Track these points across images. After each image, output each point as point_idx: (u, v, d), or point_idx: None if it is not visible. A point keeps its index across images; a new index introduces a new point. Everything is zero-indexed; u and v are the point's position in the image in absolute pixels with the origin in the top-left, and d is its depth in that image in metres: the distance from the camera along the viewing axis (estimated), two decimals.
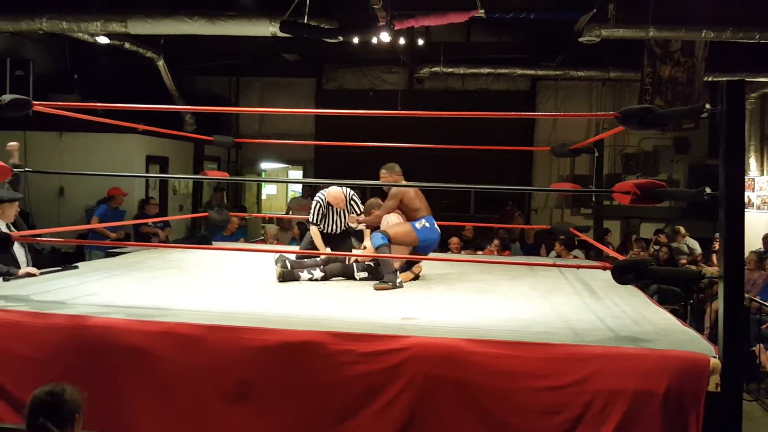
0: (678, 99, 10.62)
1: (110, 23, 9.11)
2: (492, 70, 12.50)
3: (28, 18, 9.16)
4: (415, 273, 5.67)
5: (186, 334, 3.62)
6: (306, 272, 5.42)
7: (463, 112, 5.98)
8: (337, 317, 4.07)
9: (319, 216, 6.14)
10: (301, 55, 13.17)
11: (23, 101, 4.26)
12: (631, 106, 3.91)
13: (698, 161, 13.49)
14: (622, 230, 13.31)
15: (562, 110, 13.87)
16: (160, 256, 6.56)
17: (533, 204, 14.28)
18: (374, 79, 14.28)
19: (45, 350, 3.67)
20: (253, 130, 14.69)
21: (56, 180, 10.45)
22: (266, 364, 3.52)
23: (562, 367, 3.35)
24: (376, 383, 3.43)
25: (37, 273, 5.02)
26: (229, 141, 8.37)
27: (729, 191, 3.35)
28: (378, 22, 8.82)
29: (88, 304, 4.13)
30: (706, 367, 3.26)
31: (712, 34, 9.22)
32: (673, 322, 4.20)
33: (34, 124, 9.80)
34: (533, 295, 5.06)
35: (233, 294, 4.83)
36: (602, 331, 3.86)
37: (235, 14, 9.12)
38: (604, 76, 12.55)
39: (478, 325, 3.91)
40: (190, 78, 13.90)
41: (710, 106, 3.47)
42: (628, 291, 5.05)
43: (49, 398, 2.60)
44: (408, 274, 5.56)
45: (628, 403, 3.24)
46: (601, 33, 9.02)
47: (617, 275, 3.65)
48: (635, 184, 3.75)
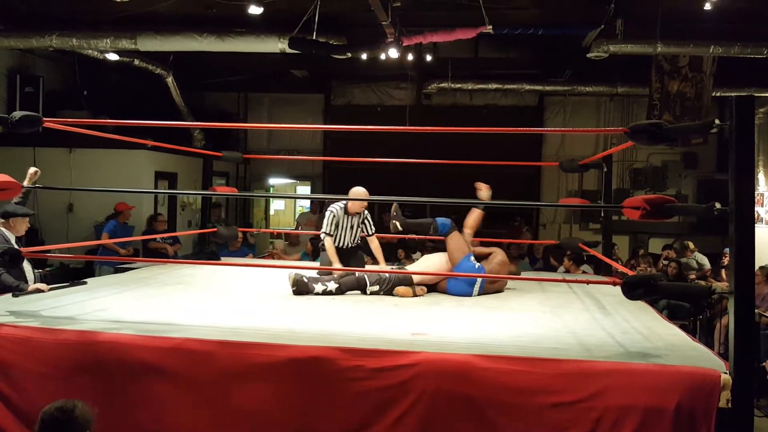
0: (686, 114, 10.62)
1: (120, 40, 9.18)
2: (500, 85, 12.51)
3: (38, 35, 9.24)
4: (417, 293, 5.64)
5: (195, 350, 3.62)
6: (320, 284, 5.43)
7: (471, 127, 6.00)
8: (346, 332, 4.06)
9: (333, 226, 6.16)
10: (309, 71, 13.22)
11: (34, 118, 4.29)
12: (641, 122, 3.92)
13: (707, 176, 13.45)
14: (630, 245, 13.25)
15: (570, 126, 13.87)
16: (169, 271, 6.58)
17: (542, 219, 14.24)
18: (382, 94, 14.31)
19: (55, 366, 3.67)
20: (261, 145, 14.73)
21: (65, 196, 10.50)
22: (276, 379, 3.51)
23: (572, 382, 3.34)
24: (386, 399, 3.42)
25: (46, 289, 5.05)
26: (237, 157, 8.40)
27: (738, 206, 3.34)
28: (386, 38, 8.86)
29: (97, 320, 4.14)
30: (717, 383, 3.24)
31: (720, 50, 9.23)
32: (683, 337, 4.18)
33: (44, 141, 9.85)
34: (543, 310, 5.05)
35: (243, 309, 4.83)
36: (612, 347, 3.85)
37: (244, 31, 9.17)
38: (612, 91, 12.54)
39: (488, 341, 3.90)
40: (199, 94, 13.97)
41: (719, 121, 3.47)
42: (637, 306, 5.03)
43: (60, 414, 2.61)
44: (408, 290, 5.55)
45: (639, 419, 3.22)
46: (609, 48, 9.03)
47: (627, 291, 3.64)
48: (645, 200, 3.74)
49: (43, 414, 2.62)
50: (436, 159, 7.83)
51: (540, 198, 13.83)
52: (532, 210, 14.12)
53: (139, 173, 10.82)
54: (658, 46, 9.13)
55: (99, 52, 9.84)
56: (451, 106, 14.03)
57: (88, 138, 6.08)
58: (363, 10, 8.13)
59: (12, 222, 5.44)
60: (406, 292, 5.49)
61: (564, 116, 13.93)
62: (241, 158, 8.58)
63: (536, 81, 12.51)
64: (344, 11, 9.10)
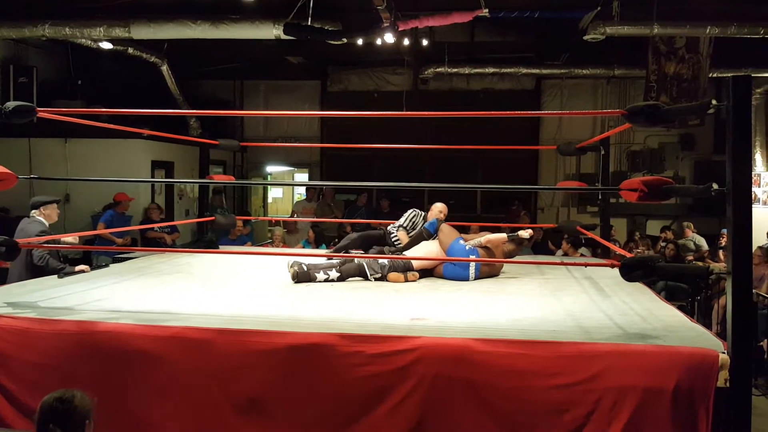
0: (683, 95, 10.60)
1: (113, 29, 9.14)
2: (497, 69, 12.48)
3: (31, 24, 9.20)
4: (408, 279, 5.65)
5: (195, 338, 3.62)
6: (322, 273, 5.43)
7: (468, 111, 5.98)
8: (345, 319, 4.07)
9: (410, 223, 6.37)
10: (305, 57, 13.17)
11: (28, 108, 4.26)
12: (638, 104, 3.90)
13: (704, 157, 13.45)
14: (628, 228, 13.27)
15: (567, 109, 13.84)
16: (168, 260, 6.57)
17: (539, 203, 14.26)
18: (379, 80, 14.27)
19: (53, 356, 3.67)
20: (258, 133, 14.71)
21: (62, 186, 10.46)
22: (275, 367, 3.52)
23: (571, 364, 3.35)
24: (385, 384, 3.43)
25: (88, 269, 5.64)
26: (234, 145, 8.37)
27: (736, 187, 3.34)
28: (382, 23, 8.82)
29: (96, 310, 4.14)
30: (715, 362, 3.25)
31: (716, 30, 9.21)
32: (682, 318, 4.19)
33: (38, 131, 9.84)
34: (541, 293, 5.05)
35: (242, 297, 4.83)
36: (611, 329, 3.85)
37: (238, 18, 9.13)
38: (608, 73, 12.53)
39: (487, 325, 3.90)
40: (194, 82, 13.92)
41: (716, 102, 3.46)
42: (635, 288, 5.03)
43: (59, 404, 2.61)
44: (400, 276, 5.57)
45: (638, 399, 3.23)
46: (606, 31, 9.01)
47: (625, 273, 3.64)
48: (642, 182, 3.73)
49: (42, 404, 2.62)
50: (434, 144, 7.82)
51: (538, 181, 13.84)
52: (530, 194, 14.14)
53: (135, 162, 10.78)
54: (654, 27, 9.11)
55: (92, 41, 9.80)
56: (448, 91, 14.01)
57: (83, 128, 6.06)
58: None
59: (44, 209, 5.97)
60: (397, 278, 5.52)
61: (561, 99, 13.91)
62: (238, 146, 8.54)
63: (533, 64, 12.49)
64: None
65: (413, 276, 5.61)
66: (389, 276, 5.53)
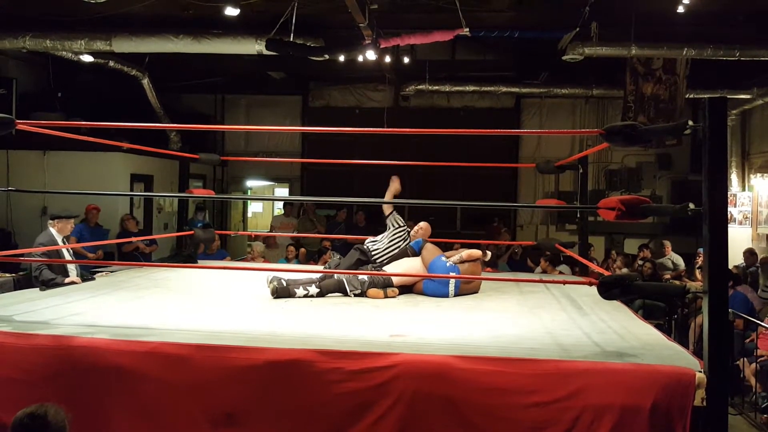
0: (660, 116, 10.73)
1: (95, 42, 9.09)
2: (477, 87, 12.57)
3: (11, 36, 9.13)
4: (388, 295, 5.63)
5: (172, 354, 3.59)
6: (302, 288, 5.42)
7: (449, 129, 6.02)
8: (325, 335, 4.05)
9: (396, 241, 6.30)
10: (287, 72, 13.19)
11: (6, 120, 4.23)
12: (616, 123, 3.95)
13: (680, 177, 13.62)
14: (606, 246, 13.38)
15: (546, 127, 13.97)
16: (146, 275, 6.52)
17: (519, 220, 14.34)
18: (360, 96, 14.32)
19: (28, 371, 3.62)
20: (239, 147, 14.68)
21: (39, 199, 10.36)
22: (254, 383, 3.49)
23: (549, 382, 3.36)
24: (364, 401, 3.42)
25: (79, 281, 5.76)
26: (215, 159, 8.33)
27: (712, 206, 3.38)
28: (364, 40, 8.86)
29: (72, 324, 4.08)
30: (692, 381, 3.28)
31: (693, 52, 9.36)
32: (659, 336, 4.22)
33: (17, 143, 9.75)
34: (520, 311, 5.07)
35: (221, 312, 4.79)
36: (589, 347, 3.87)
37: (221, 33, 9.12)
38: (587, 93, 12.66)
39: (467, 342, 3.91)
40: (175, 96, 13.87)
41: (693, 122, 3.51)
42: (613, 306, 5.07)
43: (31, 421, 2.56)
44: (380, 292, 5.56)
45: (616, 418, 3.25)
46: (585, 51, 9.12)
47: (603, 291, 3.66)
48: (620, 201, 3.76)
49: (14, 421, 2.57)
50: (414, 161, 7.84)
51: (517, 199, 13.92)
52: (510, 211, 14.20)
53: (114, 176, 10.71)
54: (632, 48, 9.23)
55: (73, 53, 9.74)
56: (429, 108, 14.08)
57: (63, 140, 6.00)
58: (340, 12, 8.13)
59: (57, 222, 6.11)
60: (376, 294, 5.51)
61: (540, 118, 14.04)
62: (219, 160, 8.50)
63: (513, 83, 12.58)
64: (321, 13, 9.09)
65: (393, 292, 5.61)
66: (369, 292, 5.53)
